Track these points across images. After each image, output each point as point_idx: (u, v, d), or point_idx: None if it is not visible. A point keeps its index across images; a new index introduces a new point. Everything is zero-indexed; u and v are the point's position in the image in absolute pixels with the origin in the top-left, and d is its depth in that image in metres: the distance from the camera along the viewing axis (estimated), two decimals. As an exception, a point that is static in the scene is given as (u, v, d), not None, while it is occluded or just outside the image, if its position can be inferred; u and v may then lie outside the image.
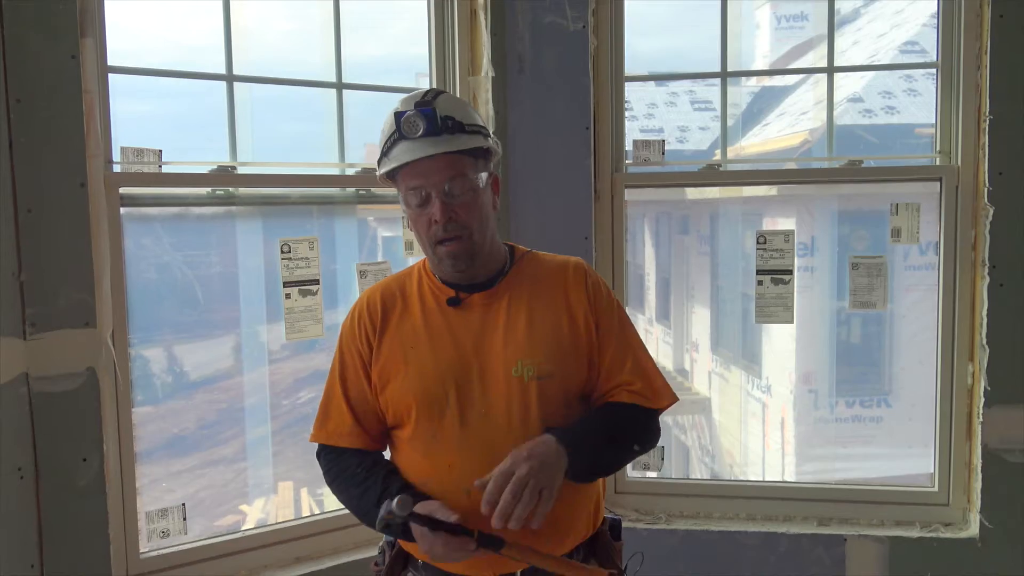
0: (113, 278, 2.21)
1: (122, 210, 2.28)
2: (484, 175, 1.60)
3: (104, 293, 2.16)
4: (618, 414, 1.63)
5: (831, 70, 2.82)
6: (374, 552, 1.79)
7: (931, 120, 2.76)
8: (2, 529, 1.99)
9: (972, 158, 2.62)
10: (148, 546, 2.36)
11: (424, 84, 2.86)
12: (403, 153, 1.56)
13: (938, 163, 2.69)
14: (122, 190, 2.27)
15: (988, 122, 2.53)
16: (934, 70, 2.71)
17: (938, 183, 2.68)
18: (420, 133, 1.54)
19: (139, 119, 2.52)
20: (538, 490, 1.43)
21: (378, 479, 1.59)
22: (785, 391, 7.40)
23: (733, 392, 8.21)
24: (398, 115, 1.56)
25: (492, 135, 1.66)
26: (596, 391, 1.66)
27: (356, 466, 1.64)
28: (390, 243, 3.21)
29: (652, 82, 8.70)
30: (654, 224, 8.94)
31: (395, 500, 1.43)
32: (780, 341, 7.38)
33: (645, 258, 9.07)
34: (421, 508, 1.48)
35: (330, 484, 1.71)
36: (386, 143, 1.60)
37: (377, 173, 1.63)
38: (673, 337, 8.80)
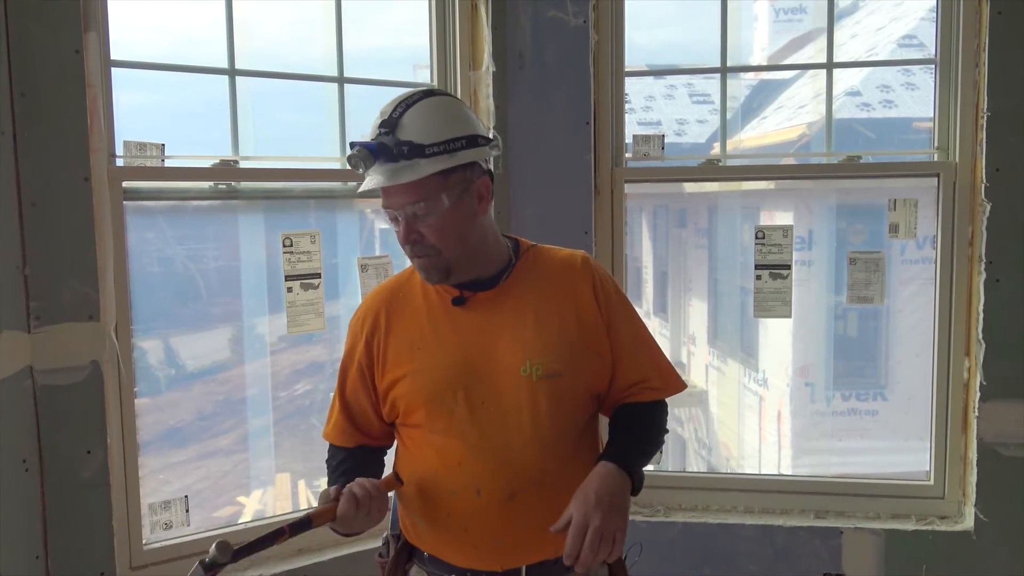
0: (116, 272, 2.22)
1: (125, 204, 2.29)
2: (456, 191, 1.54)
3: (107, 287, 2.18)
4: (649, 417, 1.69)
5: (830, 66, 2.83)
6: (378, 544, 1.80)
7: (929, 114, 2.77)
8: (7, 520, 2.01)
9: (970, 154, 2.64)
10: (151, 537, 2.38)
11: (422, 76, 2.87)
12: (367, 176, 1.54)
13: (936, 159, 2.71)
14: (125, 184, 2.28)
15: (986, 119, 2.55)
16: (932, 66, 2.73)
17: (936, 179, 2.70)
18: (364, 169, 1.52)
19: (140, 111, 2.52)
20: (612, 535, 1.46)
21: (337, 479, 1.65)
22: (782, 384, 7.42)
23: (730, 385, 8.23)
24: (351, 145, 1.53)
25: (482, 138, 1.57)
26: (613, 387, 1.68)
27: (338, 463, 1.69)
28: (387, 235, 3.22)
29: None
30: (652, 217, 8.94)
31: (213, 548, 1.43)
32: (777, 335, 7.40)
33: (642, 251, 9.07)
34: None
35: None
36: None
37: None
38: (670, 330, 8.81)
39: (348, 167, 2.65)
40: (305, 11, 2.86)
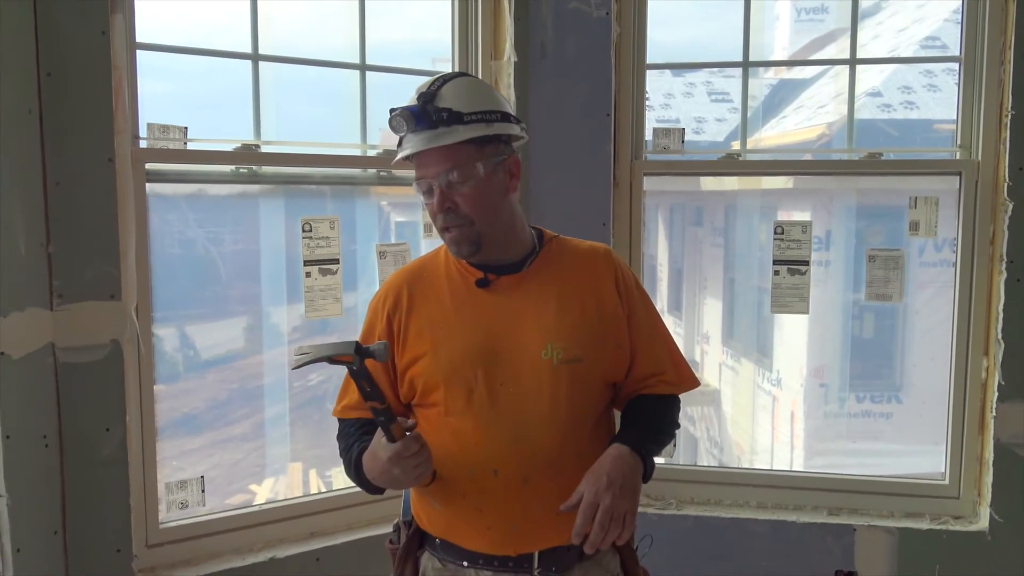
0: (138, 252, 2.24)
1: (148, 186, 2.30)
2: (490, 162, 1.58)
3: (129, 267, 2.19)
4: (663, 408, 1.71)
5: (853, 62, 2.82)
6: (388, 529, 1.81)
7: (950, 116, 2.76)
8: (27, 495, 2.03)
9: (993, 153, 2.62)
10: (167, 516, 2.40)
11: (443, 69, 2.87)
12: (404, 146, 1.58)
13: (958, 157, 2.69)
14: (148, 166, 2.30)
15: (1010, 117, 2.54)
16: (956, 64, 2.71)
17: (957, 177, 2.68)
18: (405, 130, 1.55)
19: (163, 100, 2.54)
20: (622, 516, 1.48)
21: (360, 436, 1.65)
22: (796, 385, 7.40)
23: (743, 385, 8.21)
24: (391, 111, 1.56)
25: (514, 117, 1.63)
26: (630, 378, 1.69)
27: (358, 428, 1.69)
28: (403, 228, 3.23)
29: (669, 73, 8.65)
30: (668, 215, 8.93)
31: (379, 343, 1.46)
32: (792, 335, 7.37)
33: (658, 248, 9.05)
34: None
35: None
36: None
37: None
38: (684, 328, 8.79)
39: (369, 154, 2.68)
40: (326, 5, 2.87)
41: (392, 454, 1.48)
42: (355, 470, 1.63)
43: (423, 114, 1.53)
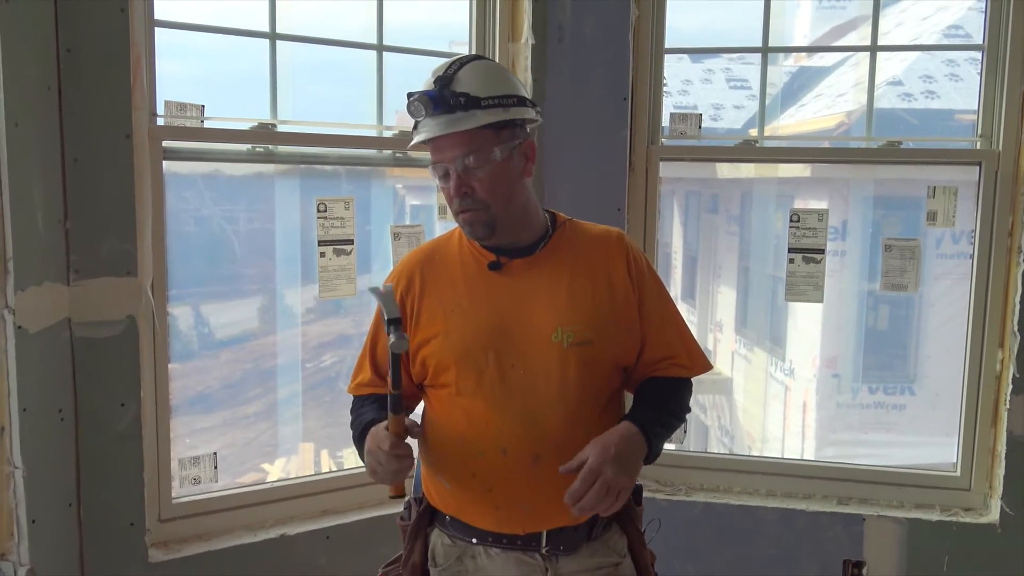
0: (154, 230, 2.25)
1: (164, 164, 2.31)
2: (507, 147, 1.58)
3: (145, 244, 2.21)
4: (674, 390, 1.72)
5: (874, 48, 2.79)
6: (398, 509, 1.82)
7: (972, 106, 2.73)
8: (42, 468, 2.05)
9: (1014, 143, 2.59)
10: (180, 492, 2.43)
11: (460, 51, 2.86)
12: (420, 130, 1.58)
13: (979, 147, 2.67)
14: (165, 143, 2.30)
15: (1033, 107, 2.51)
16: (979, 53, 2.68)
17: (977, 167, 2.66)
18: (424, 115, 1.55)
19: (180, 81, 2.54)
20: (617, 490, 1.49)
21: (371, 409, 1.66)
22: (808, 375, 7.38)
23: (756, 374, 8.20)
24: (409, 96, 1.56)
25: (529, 101, 1.62)
26: (641, 362, 1.69)
27: (371, 401, 1.70)
28: (418, 211, 3.24)
29: (688, 59, 8.61)
30: (683, 202, 8.90)
31: (400, 337, 1.47)
32: (806, 325, 7.35)
33: (673, 236, 9.03)
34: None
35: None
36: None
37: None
38: (697, 316, 8.78)
39: (385, 135, 2.68)
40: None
41: (389, 445, 1.50)
42: (358, 440, 1.65)
43: (440, 99, 1.53)
